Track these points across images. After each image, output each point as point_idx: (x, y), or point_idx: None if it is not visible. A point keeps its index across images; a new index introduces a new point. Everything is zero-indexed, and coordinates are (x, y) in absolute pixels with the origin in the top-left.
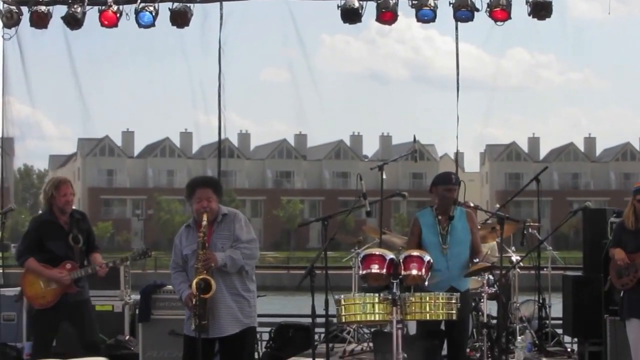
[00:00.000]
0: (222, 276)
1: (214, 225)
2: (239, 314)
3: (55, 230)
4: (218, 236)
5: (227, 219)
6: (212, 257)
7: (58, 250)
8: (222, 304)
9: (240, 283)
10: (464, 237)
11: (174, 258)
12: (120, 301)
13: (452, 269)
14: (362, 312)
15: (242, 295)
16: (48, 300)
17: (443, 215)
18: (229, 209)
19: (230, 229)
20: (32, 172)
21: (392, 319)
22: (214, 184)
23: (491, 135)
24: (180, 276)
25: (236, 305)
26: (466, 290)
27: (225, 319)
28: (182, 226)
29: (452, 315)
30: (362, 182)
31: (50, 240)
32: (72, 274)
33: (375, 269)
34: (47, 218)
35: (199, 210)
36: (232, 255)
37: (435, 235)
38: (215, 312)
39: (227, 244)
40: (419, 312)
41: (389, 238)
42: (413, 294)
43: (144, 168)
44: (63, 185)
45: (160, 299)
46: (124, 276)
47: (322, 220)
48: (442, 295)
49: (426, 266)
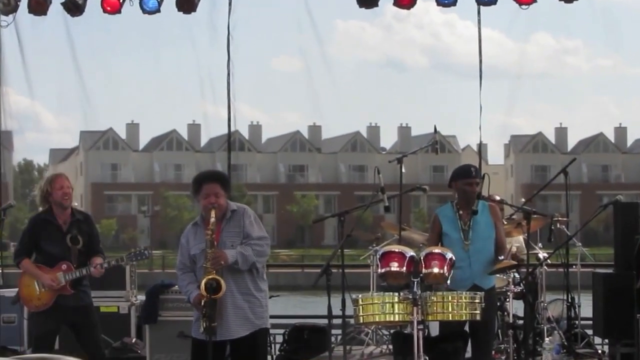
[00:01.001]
0: (232, 275)
1: (223, 222)
2: (250, 315)
3: (51, 229)
4: (227, 234)
5: (236, 215)
6: (221, 255)
7: (54, 250)
8: (232, 305)
9: (251, 282)
10: (488, 233)
11: (180, 258)
12: (126, 302)
13: (475, 266)
14: (381, 312)
15: (254, 295)
16: (44, 302)
17: (464, 210)
18: (238, 205)
19: (240, 225)
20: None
21: (413, 320)
22: (221, 178)
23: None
24: (187, 277)
25: (247, 306)
26: (491, 288)
27: (236, 321)
28: (189, 225)
29: (476, 315)
30: (379, 176)
31: (45, 240)
32: (67, 275)
33: (395, 267)
34: (44, 217)
35: (207, 206)
36: (242, 252)
37: (457, 231)
38: (225, 313)
39: (237, 241)
40: (441, 312)
41: (409, 234)
42: (435, 293)
43: (150, 162)
44: (57, 179)
45: (168, 300)
46: (129, 276)
47: (338, 216)
48: (465, 294)
49: (448, 264)
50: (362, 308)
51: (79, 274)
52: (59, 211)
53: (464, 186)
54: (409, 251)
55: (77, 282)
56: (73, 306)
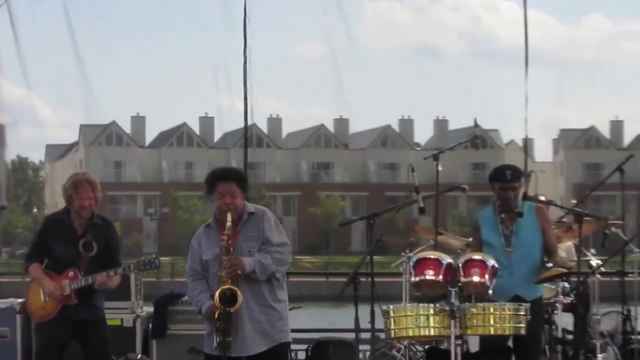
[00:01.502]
0: (248, 284)
1: (239, 225)
2: (268, 329)
3: (64, 231)
4: (244, 238)
5: (254, 218)
6: (238, 263)
7: (64, 255)
8: (248, 317)
9: (269, 292)
10: (533, 238)
11: (190, 264)
12: (131, 314)
13: (517, 276)
14: (414, 325)
15: (272, 306)
16: (48, 312)
17: (507, 213)
18: (256, 207)
19: (258, 229)
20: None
21: (450, 334)
22: (238, 176)
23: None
24: (199, 285)
25: (265, 319)
26: (537, 299)
27: (253, 335)
28: (201, 226)
29: (520, 329)
30: (413, 174)
31: (57, 243)
32: (72, 284)
33: (430, 275)
34: (60, 217)
35: (222, 208)
36: (261, 260)
37: (497, 237)
38: (240, 326)
39: (255, 247)
40: (481, 326)
41: (446, 239)
42: (474, 304)
43: (158, 159)
44: (81, 187)
45: (177, 312)
46: (135, 285)
47: (367, 219)
48: (509, 305)
49: (490, 272)
50: (394, 321)
51: (84, 282)
52: (76, 214)
53: (498, 191)
54: (446, 258)
55: (88, 293)
56: (82, 320)
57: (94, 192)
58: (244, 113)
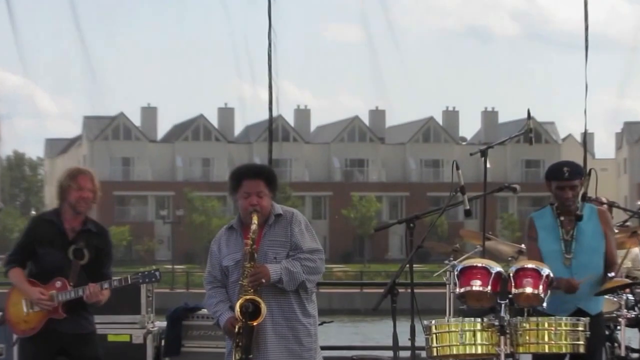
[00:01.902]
0: (274, 295)
1: (265, 228)
2: (295, 347)
3: (53, 234)
4: (270, 243)
5: (282, 220)
6: (263, 271)
7: (50, 260)
8: (273, 333)
9: (297, 305)
10: (596, 244)
11: (209, 269)
12: (141, 329)
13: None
14: (459, 342)
15: (300, 320)
16: (31, 327)
17: (566, 215)
18: (285, 208)
19: (287, 234)
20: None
21: (500, 352)
22: (266, 174)
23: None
24: (218, 294)
25: (292, 335)
26: (598, 314)
27: (278, 353)
28: (222, 228)
29: (579, 347)
30: (459, 172)
31: (44, 247)
32: (60, 295)
33: (477, 285)
34: (49, 218)
35: (247, 209)
36: (289, 268)
37: (556, 242)
38: (263, 343)
39: (282, 253)
40: (534, 343)
41: (495, 245)
42: (527, 319)
43: (171, 155)
44: (81, 176)
45: (193, 327)
46: (146, 297)
47: (406, 222)
48: (566, 320)
49: (544, 282)
50: (436, 337)
51: (74, 294)
52: (69, 215)
53: (555, 190)
54: (495, 266)
55: (78, 305)
56: (70, 334)
57: (92, 183)
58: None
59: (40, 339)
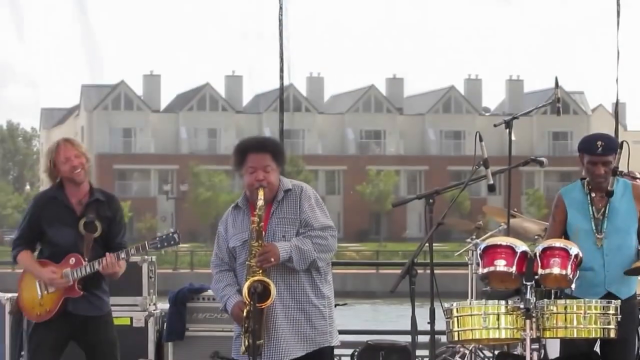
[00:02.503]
0: (283, 276)
1: (273, 205)
2: (308, 330)
3: (60, 212)
4: (279, 221)
5: (291, 196)
6: (271, 250)
7: (62, 239)
8: (284, 316)
9: (310, 286)
10: (629, 223)
11: (217, 252)
12: (143, 312)
13: (611, 268)
14: (482, 326)
15: (313, 302)
16: (47, 309)
17: (598, 191)
18: (294, 182)
19: (296, 210)
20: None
21: (525, 337)
22: (273, 147)
23: None
24: (225, 277)
25: (304, 318)
26: (631, 297)
27: (289, 338)
28: (229, 208)
29: (610, 331)
30: (482, 145)
31: (52, 226)
32: (75, 272)
33: (502, 266)
34: (52, 194)
35: (253, 184)
36: (299, 246)
37: (587, 220)
38: (274, 327)
39: (292, 230)
40: (562, 328)
41: (520, 223)
42: (554, 301)
43: (175, 126)
44: (60, 148)
45: (198, 309)
46: (147, 277)
47: (426, 198)
48: (596, 303)
49: (573, 262)
50: (458, 321)
51: (90, 269)
52: (72, 188)
53: (587, 165)
54: (521, 245)
55: (93, 283)
56: (85, 316)
57: (75, 149)
58: (280, 71)
59: (54, 324)
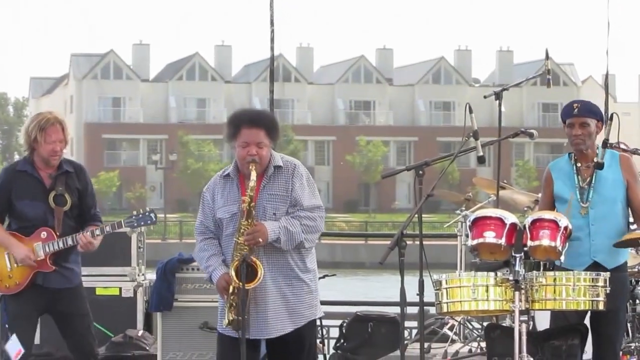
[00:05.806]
0: (271, 253)
1: (263, 180)
2: (296, 305)
3: (30, 185)
4: (269, 197)
5: (283, 173)
6: (260, 230)
7: (32, 212)
8: (271, 291)
9: (297, 261)
10: (615, 193)
11: (202, 219)
12: (131, 282)
13: (597, 238)
14: (471, 298)
15: (299, 277)
16: (16, 282)
17: (584, 161)
18: (286, 159)
19: (287, 187)
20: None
21: (514, 309)
22: (268, 123)
23: None
24: (210, 246)
25: (290, 292)
26: (620, 267)
27: (276, 313)
28: (216, 175)
29: (598, 303)
30: (471, 116)
31: (21, 199)
32: (47, 246)
33: (491, 237)
34: (22, 168)
35: (245, 158)
36: (288, 227)
37: (572, 190)
38: (262, 302)
39: (282, 208)
40: (551, 300)
41: (510, 195)
42: (544, 273)
43: (164, 96)
44: (51, 128)
45: (186, 279)
46: (136, 247)
47: (415, 169)
48: (585, 275)
49: (563, 234)
50: (447, 293)
51: (62, 244)
52: (43, 164)
53: (566, 129)
54: (510, 217)
55: (63, 256)
56: (56, 288)
57: (63, 133)
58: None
59: (25, 297)
